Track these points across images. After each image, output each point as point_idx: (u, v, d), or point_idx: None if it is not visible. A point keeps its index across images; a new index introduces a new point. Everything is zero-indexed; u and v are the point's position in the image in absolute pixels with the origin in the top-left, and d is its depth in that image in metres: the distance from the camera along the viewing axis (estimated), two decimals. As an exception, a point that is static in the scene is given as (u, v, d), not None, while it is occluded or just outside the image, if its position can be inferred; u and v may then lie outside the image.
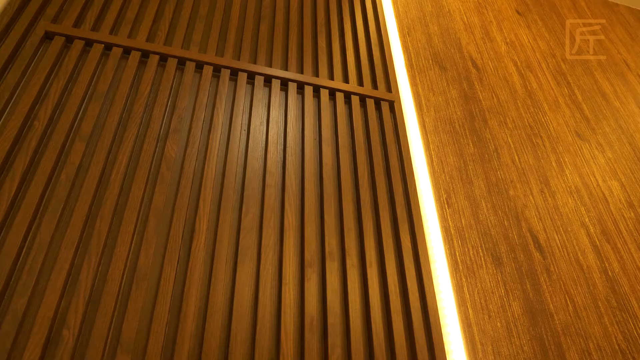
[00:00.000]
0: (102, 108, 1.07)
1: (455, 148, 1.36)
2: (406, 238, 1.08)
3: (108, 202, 0.93)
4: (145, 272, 0.87)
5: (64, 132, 0.99)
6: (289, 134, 1.18)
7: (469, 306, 1.06)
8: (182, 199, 0.98)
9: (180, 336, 0.82)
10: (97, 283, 0.85)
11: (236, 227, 1.00)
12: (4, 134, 0.95)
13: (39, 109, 1.02)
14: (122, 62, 1.18)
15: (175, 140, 1.07)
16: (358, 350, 0.89)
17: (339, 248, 1.03)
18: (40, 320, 0.77)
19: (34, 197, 0.89)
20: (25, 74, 1.06)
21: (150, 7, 1.31)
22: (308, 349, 0.87)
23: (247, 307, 0.89)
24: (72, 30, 1.16)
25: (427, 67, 1.56)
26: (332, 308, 0.93)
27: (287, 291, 0.93)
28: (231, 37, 1.34)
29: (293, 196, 1.07)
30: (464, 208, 1.23)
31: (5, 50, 1.06)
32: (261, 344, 0.85)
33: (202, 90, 1.18)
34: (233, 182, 1.05)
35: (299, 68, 1.36)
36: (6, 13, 1.11)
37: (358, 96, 1.34)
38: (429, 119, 1.41)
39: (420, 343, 0.93)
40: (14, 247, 0.83)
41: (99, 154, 0.99)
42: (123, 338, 0.79)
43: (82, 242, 0.88)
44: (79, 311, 0.80)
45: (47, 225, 0.87)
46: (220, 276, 0.91)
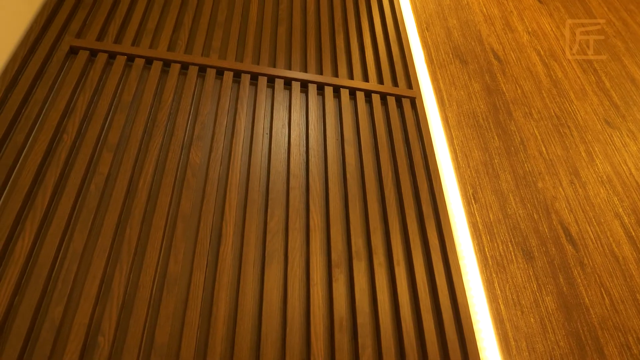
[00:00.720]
0: (127, 118, 1.09)
1: (480, 142, 1.34)
2: (433, 235, 1.07)
3: (137, 210, 0.95)
4: (175, 277, 0.89)
5: (92, 144, 1.02)
6: (311, 136, 1.18)
7: (501, 302, 1.04)
8: (208, 205, 0.99)
9: (211, 339, 0.83)
10: (129, 290, 0.86)
11: (262, 230, 1.00)
12: (35, 148, 0.98)
13: (67, 122, 1.05)
14: (145, 73, 1.20)
15: (200, 147, 1.08)
16: (389, 349, 0.88)
17: (365, 247, 1.03)
18: (76, 328, 0.79)
19: (65, 208, 0.92)
20: (52, 88, 1.10)
21: (169, 17, 1.34)
22: (338, 349, 0.87)
23: (276, 309, 0.90)
24: (95, 44, 1.19)
25: (448, 61, 1.54)
26: (361, 308, 0.93)
27: (316, 292, 0.93)
28: (250, 42, 1.35)
29: (317, 197, 1.08)
30: (491, 203, 1.21)
31: (34, 67, 1.09)
32: (292, 345, 0.85)
33: (224, 96, 1.19)
34: (257, 186, 1.05)
35: (318, 69, 1.36)
36: (33, 30, 1.15)
37: (379, 94, 1.33)
38: (451, 113, 1.40)
39: (452, 341, 0.92)
40: (48, 257, 0.85)
41: (126, 164, 1.01)
42: (156, 343, 0.81)
43: (113, 251, 0.90)
44: (113, 318, 0.82)
45: (79, 235, 0.90)
46: (249, 279, 0.91)
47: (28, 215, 0.90)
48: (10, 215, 0.88)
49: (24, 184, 0.92)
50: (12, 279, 0.81)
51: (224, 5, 1.45)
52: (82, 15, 1.25)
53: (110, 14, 1.30)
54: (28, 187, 0.92)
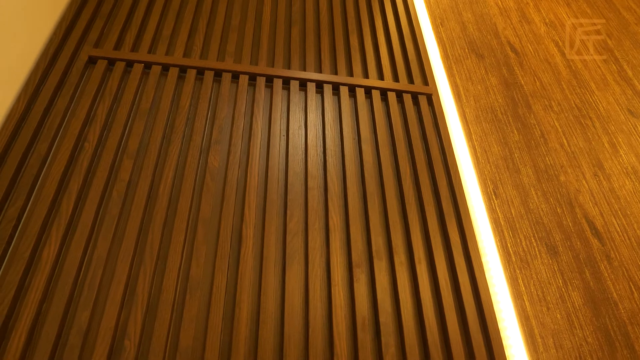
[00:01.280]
0: (146, 125, 1.11)
1: (499, 137, 1.32)
2: (454, 232, 1.06)
3: (158, 215, 0.96)
4: (197, 280, 0.89)
5: (113, 151, 1.04)
6: (327, 136, 1.18)
7: (525, 299, 1.02)
8: (227, 208, 1.00)
9: (235, 341, 0.83)
10: (153, 294, 0.88)
11: (282, 232, 1.01)
12: (58, 157, 1.00)
13: (88, 131, 1.07)
14: (162, 79, 1.22)
15: (218, 151, 1.09)
16: (412, 348, 0.88)
17: (385, 246, 1.02)
18: (103, 332, 0.80)
19: (89, 214, 0.94)
20: (73, 98, 1.12)
21: (184, 24, 1.35)
22: (362, 349, 0.86)
23: (298, 310, 0.90)
24: (113, 53, 1.21)
25: (464, 56, 1.53)
26: (383, 307, 0.93)
27: (337, 292, 0.93)
28: (264, 45, 1.36)
29: (336, 197, 1.07)
30: (512, 198, 1.19)
31: (54, 77, 1.12)
32: (315, 345, 0.85)
33: (240, 99, 1.20)
34: (276, 188, 1.06)
35: (332, 69, 1.36)
36: (52, 42, 1.17)
37: (394, 92, 1.32)
38: (469, 109, 1.38)
39: (477, 338, 0.90)
40: (74, 263, 0.87)
41: (146, 170, 1.02)
42: (181, 346, 0.82)
43: (137, 255, 0.92)
44: (138, 322, 0.83)
45: (103, 241, 0.91)
46: (270, 281, 0.92)
47: (53, 222, 0.92)
48: (37, 223, 0.90)
49: (49, 192, 0.94)
50: (40, 286, 0.83)
51: (237, 9, 1.46)
52: (100, 25, 1.28)
53: (127, 23, 1.33)
54: (53, 195, 0.94)
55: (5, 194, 0.92)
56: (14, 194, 0.94)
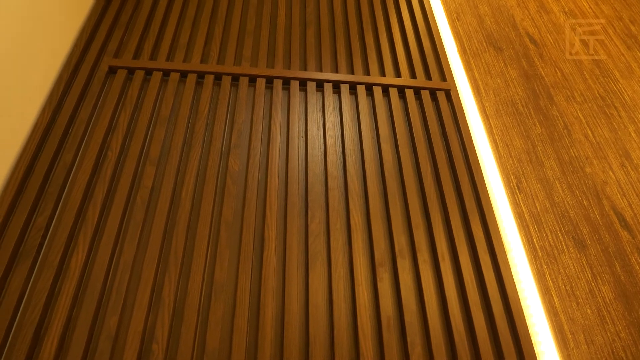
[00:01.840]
0: (166, 131, 1.12)
1: (521, 130, 1.30)
2: (478, 228, 1.04)
3: (181, 220, 0.97)
4: (221, 283, 0.90)
5: (135, 158, 1.05)
6: (346, 136, 1.18)
7: (554, 294, 1.00)
8: (249, 210, 1.01)
9: (260, 343, 0.84)
10: (178, 297, 0.89)
11: (304, 233, 1.01)
12: (83, 165, 1.02)
13: (110, 139, 1.09)
14: (181, 86, 1.23)
15: (237, 155, 1.10)
16: (439, 346, 0.87)
17: (408, 245, 1.02)
18: (131, 337, 0.82)
19: (114, 221, 0.95)
20: (95, 107, 1.14)
21: (200, 31, 1.37)
22: (387, 349, 0.86)
23: (322, 310, 0.90)
24: (132, 62, 1.24)
25: (481, 49, 1.51)
26: (407, 306, 0.92)
27: (361, 292, 0.92)
28: (280, 48, 1.37)
29: (357, 197, 1.07)
30: (537, 192, 1.17)
31: (77, 88, 1.14)
32: (340, 346, 0.85)
33: (257, 102, 1.21)
34: (296, 189, 1.06)
35: (349, 69, 1.36)
36: (74, 54, 1.20)
37: (412, 89, 1.31)
38: (489, 103, 1.36)
39: (505, 335, 0.89)
40: (101, 269, 0.89)
41: (168, 176, 1.04)
42: (208, 348, 0.82)
43: (162, 260, 0.93)
44: (165, 325, 0.84)
45: (129, 247, 0.93)
46: (294, 282, 0.92)
47: (80, 230, 0.94)
48: (65, 231, 0.92)
49: (75, 201, 0.97)
50: (70, 292, 0.85)
51: (252, 13, 1.47)
52: (119, 35, 1.30)
53: (145, 32, 1.35)
54: (79, 204, 0.96)
55: (33, 203, 0.95)
56: (42, 203, 0.96)
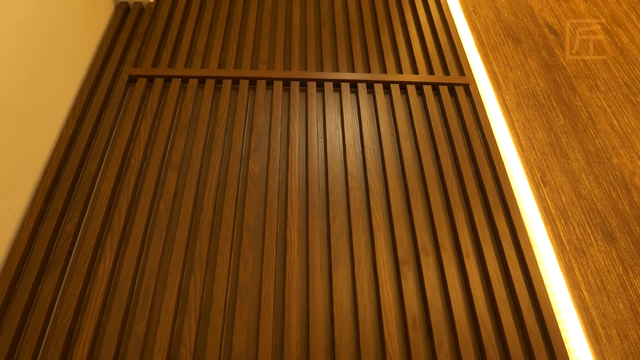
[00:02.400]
0: (187, 137, 1.14)
1: (543, 122, 1.27)
2: (502, 224, 1.03)
3: (204, 224, 0.98)
4: (246, 286, 0.91)
5: (157, 165, 1.07)
6: (365, 135, 1.17)
7: (583, 289, 0.98)
8: (271, 213, 1.01)
9: (286, 345, 0.84)
10: (204, 301, 0.90)
11: (326, 234, 1.01)
12: (107, 174, 1.04)
13: (133, 148, 1.11)
14: (199, 92, 1.25)
15: (257, 158, 1.11)
16: (466, 345, 0.86)
17: (432, 242, 1.01)
18: (159, 341, 0.83)
19: (139, 228, 0.97)
20: (117, 117, 1.17)
21: (217, 36, 1.39)
22: (414, 348, 0.85)
23: (347, 310, 0.90)
24: (151, 70, 1.26)
25: (500, 42, 1.48)
26: (433, 304, 0.91)
27: (385, 291, 0.92)
28: (296, 49, 1.37)
29: (378, 196, 1.07)
30: (562, 185, 1.15)
31: (99, 99, 1.17)
32: (366, 346, 0.85)
33: (275, 105, 1.22)
34: (317, 190, 1.06)
35: (365, 67, 1.36)
36: (94, 65, 1.23)
37: (430, 85, 1.30)
38: (509, 96, 1.34)
39: (534, 332, 0.87)
40: (128, 275, 0.90)
41: (190, 181, 1.05)
42: (234, 351, 0.83)
43: (186, 264, 0.94)
44: (192, 329, 0.85)
45: (154, 252, 0.94)
46: (317, 283, 0.92)
47: (107, 237, 0.96)
48: (92, 238, 0.94)
49: (101, 209, 0.98)
50: (99, 299, 0.87)
51: (267, 17, 1.48)
52: (137, 45, 1.33)
53: (162, 40, 1.37)
54: (104, 211, 0.98)
55: (61, 212, 0.97)
56: (69, 211, 0.99)
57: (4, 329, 0.82)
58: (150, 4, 1.46)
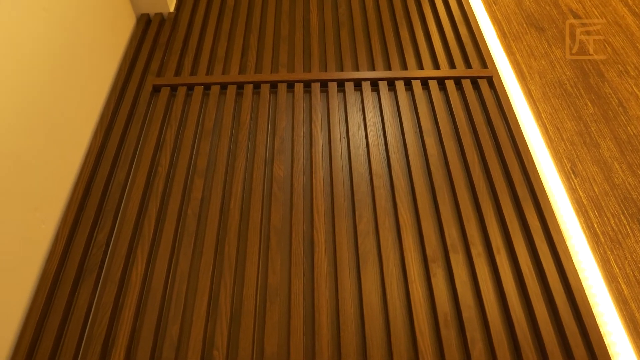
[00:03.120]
0: (211, 143, 1.15)
1: (572, 111, 1.24)
2: (533, 217, 1.00)
3: (232, 229, 1.00)
4: (275, 288, 0.91)
5: (184, 172, 1.09)
6: (388, 133, 1.17)
7: (621, 281, 0.95)
8: (297, 215, 1.02)
9: (318, 346, 0.84)
10: (235, 304, 0.90)
11: (353, 234, 1.00)
12: (136, 183, 1.06)
13: (159, 156, 1.13)
14: (222, 98, 1.26)
15: (281, 160, 1.11)
16: (501, 342, 0.84)
17: (460, 239, 0.99)
18: (193, 344, 0.84)
19: (169, 234, 0.99)
20: (143, 126, 1.19)
21: (236, 43, 1.40)
22: (447, 346, 0.84)
23: (377, 310, 0.89)
24: (174, 79, 1.28)
25: (522, 32, 1.45)
26: (464, 301, 0.90)
27: (415, 289, 0.91)
28: (315, 51, 1.38)
29: (403, 193, 1.06)
30: (594, 174, 1.11)
31: (124, 110, 1.20)
32: (397, 345, 0.84)
33: (297, 107, 1.22)
34: (342, 190, 1.06)
35: (386, 65, 1.35)
36: (119, 78, 1.26)
37: (452, 79, 1.29)
38: (534, 86, 1.31)
39: (570, 327, 0.85)
40: (160, 280, 0.92)
41: (216, 186, 1.06)
42: (266, 353, 0.84)
43: (216, 268, 0.95)
44: (224, 332, 0.86)
45: (184, 257, 0.96)
46: (346, 283, 0.92)
47: (138, 244, 0.98)
48: (124, 245, 0.96)
49: (131, 217, 1.01)
50: (133, 305, 0.89)
51: (285, 20, 1.48)
52: (159, 55, 1.35)
53: (183, 49, 1.39)
54: (135, 219, 1.00)
55: (93, 221, 1.00)
56: (101, 221, 1.01)
57: (44, 336, 0.84)
58: (170, 14, 1.48)
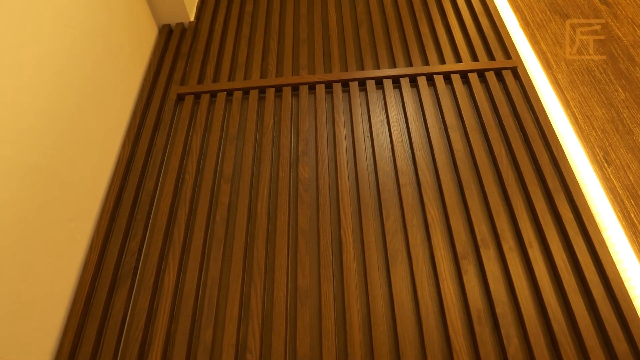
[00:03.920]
0: (236, 148, 1.17)
1: (602, 98, 1.20)
2: (565, 209, 0.98)
3: (260, 233, 1.00)
4: (305, 290, 0.92)
5: (210, 178, 1.10)
6: (412, 130, 1.16)
7: (663, 271, 0.91)
8: (324, 216, 1.02)
9: (350, 346, 0.84)
10: (266, 307, 0.91)
11: (380, 233, 1.00)
12: (164, 191, 1.08)
13: (186, 163, 1.15)
14: (244, 103, 1.28)
15: (306, 162, 1.12)
16: (537, 338, 0.82)
17: (491, 234, 0.97)
18: (226, 348, 0.85)
19: (198, 240, 1.00)
20: (169, 135, 1.21)
21: (257, 47, 1.41)
22: (481, 343, 0.82)
23: (408, 308, 0.88)
24: (197, 87, 1.30)
25: (546, 19, 1.42)
26: (497, 297, 0.88)
27: (446, 287, 0.90)
28: (335, 51, 1.38)
29: (430, 190, 1.05)
30: (628, 162, 1.08)
31: (150, 120, 1.22)
32: (431, 343, 0.83)
33: (319, 108, 1.22)
34: (368, 189, 1.05)
35: (407, 62, 1.34)
36: (144, 89, 1.29)
37: (475, 72, 1.26)
38: (561, 75, 1.27)
39: (610, 321, 0.82)
40: (192, 285, 0.94)
41: (243, 191, 1.07)
42: (299, 355, 0.84)
43: (246, 272, 0.96)
44: (256, 335, 0.87)
45: (214, 262, 0.97)
46: (376, 283, 0.91)
47: (169, 251, 1.00)
48: (155, 253, 0.98)
49: (161, 224, 1.03)
50: (166, 310, 0.91)
51: (304, 23, 1.49)
52: (182, 64, 1.38)
53: (205, 57, 1.41)
54: (165, 227, 1.02)
55: (125, 230, 1.02)
56: (133, 229, 1.03)
57: (83, 343, 0.87)
58: (190, 24, 1.51)
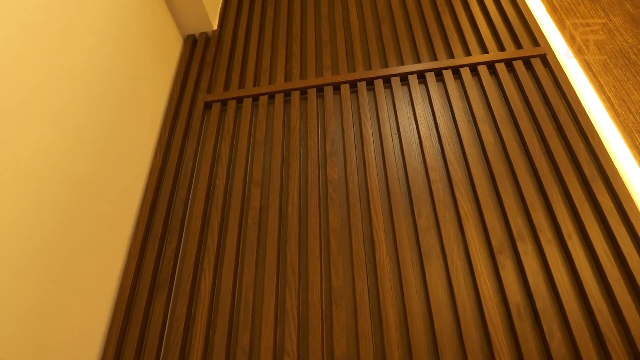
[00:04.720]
0: (265, 153, 1.18)
1: (638, 81, 1.16)
2: (605, 198, 0.94)
3: (292, 235, 1.01)
4: (340, 291, 0.92)
5: (241, 183, 1.12)
6: (440, 124, 1.14)
7: None
8: (355, 216, 1.01)
9: (387, 346, 0.83)
10: (301, 309, 0.91)
11: (413, 230, 0.99)
12: (197, 198, 1.10)
13: (217, 169, 1.16)
14: (270, 107, 1.29)
15: (334, 163, 1.12)
16: (581, 331, 0.79)
17: (527, 227, 0.95)
18: (264, 351, 0.86)
19: (232, 244, 1.02)
20: (199, 143, 1.24)
21: (280, 51, 1.42)
22: (522, 338, 0.80)
23: (445, 305, 0.87)
24: (224, 94, 1.32)
25: (574, 3, 1.37)
26: (537, 291, 0.85)
27: (483, 282, 0.88)
28: (358, 50, 1.37)
29: (462, 184, 1.03)
30: (670, 146, 1.03)
31: (180, 129, 1.25)
32: (470, 340, 0.82)
33: (345, 108, 1.22)
34: (398, 187, 1.04)
35: (431, 56, 1.32)
36: (172, 99, 1.31)
37: (502, 62, 1.24)
38: (593, 59, 1.23)
39: (659, 312, 0.79)
40: (228, 290, 0.95)
41: (273, 194, 1.08)
42: (336, 355, 0.84)
43: (280, 275, 0.97)
44: (293, 337, 0.87)
45: (248, 267, 0.98)
46: (410, 280, 0.90)
47: (204, 257, 1.01)
48: (190, 259, 1.00)
49: (195, 231, 1.04)
50: (204, 315, 0.92)
51: (325, 24, 1.49)
52: (208, 73, 1.40)
53: (230, 64, 1.43)
54: (199, 233, 1.04)
55: (161, 237, 1.05)
56: (168, 236, 1.06)
57: (126, 349, 0.89)
58: (214, 32, 1.53)
